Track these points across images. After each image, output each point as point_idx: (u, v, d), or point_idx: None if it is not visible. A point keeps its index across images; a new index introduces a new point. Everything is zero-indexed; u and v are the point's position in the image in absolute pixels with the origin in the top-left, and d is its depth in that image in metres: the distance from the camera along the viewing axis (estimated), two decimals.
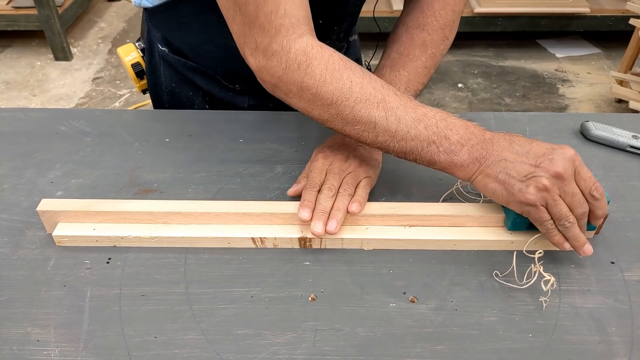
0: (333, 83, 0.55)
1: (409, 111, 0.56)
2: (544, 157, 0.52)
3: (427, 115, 0.56)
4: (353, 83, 0.55)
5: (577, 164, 0.52)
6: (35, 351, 0.50)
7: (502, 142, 0.54)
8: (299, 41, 0.55)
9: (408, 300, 0.54)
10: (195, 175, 0.70)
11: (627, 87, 2.19)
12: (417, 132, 0.55)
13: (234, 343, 0.51)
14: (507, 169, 0.53)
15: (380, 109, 0.55)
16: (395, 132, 0.56)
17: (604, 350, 0.50)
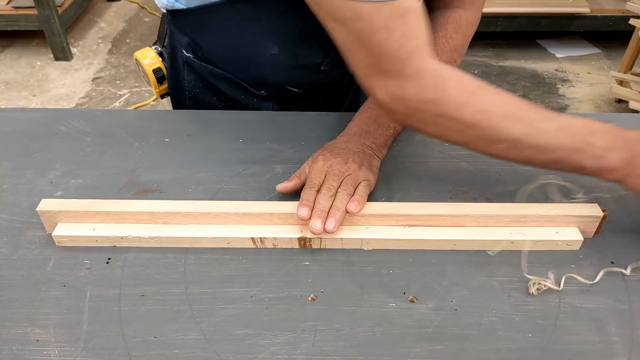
0: (473, 105, 0.53)
1: (550, 122, 0.54)
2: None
3: (568, 123, 0.54)
4: (493, 103, 0.54)
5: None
6: (35, 351, 0.50)
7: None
8: (430, 62, 0.52)
9: (408, 300, 0.54)
10: (195, 175, 0.70)
11: (627, 87, 2.19)
12: (561, 142, 0.54)
13: (233, 343, 0.51)
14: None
15: (523, 124, 0.53)
16: (539, 145, 0.54)
17: (603, 350, 0.50)
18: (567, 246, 0.59)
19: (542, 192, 0.64)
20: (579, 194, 0.61)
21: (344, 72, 0.79)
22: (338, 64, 0.70)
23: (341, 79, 0.83)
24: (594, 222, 0.59)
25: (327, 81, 0.81)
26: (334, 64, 0.73)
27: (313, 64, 0.74)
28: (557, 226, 0.60)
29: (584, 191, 0.61)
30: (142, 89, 2.44)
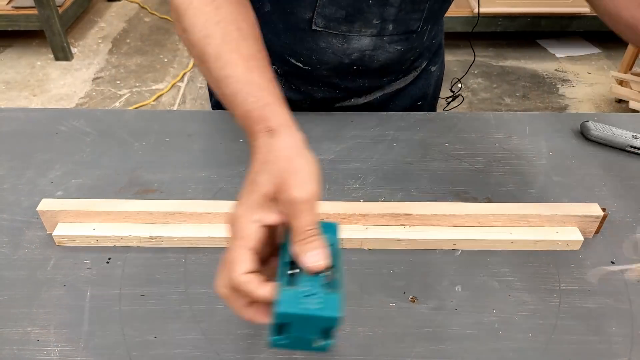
0: (186, 20, 0.53)
1: (218, 66, 0.50)
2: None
3: (227, 81, 0.49)
4: (191, 5, 0.53)
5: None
6: (35, 351, 0.50)
7: (252, 162, 0.44)
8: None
9: (408, 300, 0.54)
10: (195, 175, 0.70)
11: (627, 87, 2.19)
12: (218, 94, 0.51)
13: (234, 343, 0.51)
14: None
15: (198, 48, 0.52)
16: (208, 79, 0.53)
17: (603, 350, 0.50)
18: (568, 246, 0.59)
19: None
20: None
21: (344, 41, 0.72)
22: (328, 24, 0.70)
23: (343, 53, 0.74)
24: (594, 222, 0.59)
25: (328, 53, 0.75)
26: (325, 22, 0.71)
27: (304, 22, 0.71)
28: (557, 226, 0.60)
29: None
30: (143, 89, 2.44)
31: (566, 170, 0.71)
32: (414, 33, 0.74)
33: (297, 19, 0.71)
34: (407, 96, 0.86)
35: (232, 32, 0.51)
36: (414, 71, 0.84)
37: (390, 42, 0.74)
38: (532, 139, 0.76)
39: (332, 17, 0.69)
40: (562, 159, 0.73)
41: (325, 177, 0.69)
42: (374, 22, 0.70)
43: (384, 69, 0.78)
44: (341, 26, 0.70)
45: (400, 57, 0.77)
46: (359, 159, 0.72)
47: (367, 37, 0.72)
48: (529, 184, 0.68)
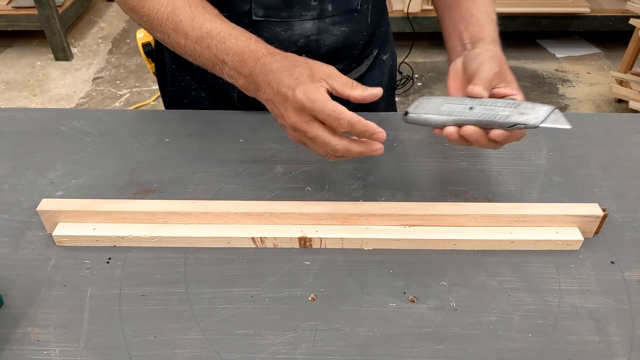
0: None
1: (195, 28, 0.58)
2: (284, 106, 0.53)
3: (211, 34, 0.57)
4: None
5: (309, 109, 0.51)
6: (35, 351, 0.50)
7: (272, 75, 0.54)
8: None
9: (408, 300, 0.54)
10: (195, 175, 0.70)
11: (627, 87, 2.19)
12: (202, 52, 0.58)
13: (234, 343, 0.51)
14: (271, 107, 0.56)
15: (170, 21, 0.59)
16: (185, 48, 0.59)
17: (603, 350, 0.50)
18: (568, 246, 0.59)
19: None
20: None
21: (286, 30, 0.73)
22: (268, 12, 0.71)
23: (288, 40, 0.74)
24: (594, 222, 0.59)
25: (274, 43, 0.73)
26: (264, 11, 0.71)
27: (244, 14, 0.71)
28: (557, 226, 0.60)
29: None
30: (142, 89, 2.44)
31: (566, 170, 0.71)
32: (355, 12, 0.75)
33: (237, 13, 0.71)
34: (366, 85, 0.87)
35: (194, 1, 0.59)
36: (367, 60, 0.86)
37: (333, 24, 0.74)
38: (532, 138, 0.76)
39: (270, 5, 0.70)
40: (562, 159, 0.73)
41: (325, 177, 0.69)
42: (312, 4, 0.71)
43: (334, 54, 0.78)
44: (281, 12, 0.71)
45: (347, 39, 0.77)
46: (359, 159, 0.72)
47: (309, 20, 0.72)
48: (528, 184, 0.68)
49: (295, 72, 0.53)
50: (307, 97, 0.51)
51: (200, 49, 0.58)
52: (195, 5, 0.59)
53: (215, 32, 0.57)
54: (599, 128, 0.79)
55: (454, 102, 0.54)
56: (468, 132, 0.53)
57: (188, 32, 0.58)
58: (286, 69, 0.53)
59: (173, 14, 0.59)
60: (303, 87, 0.51)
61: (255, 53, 0.55)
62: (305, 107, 0.51)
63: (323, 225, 0.60)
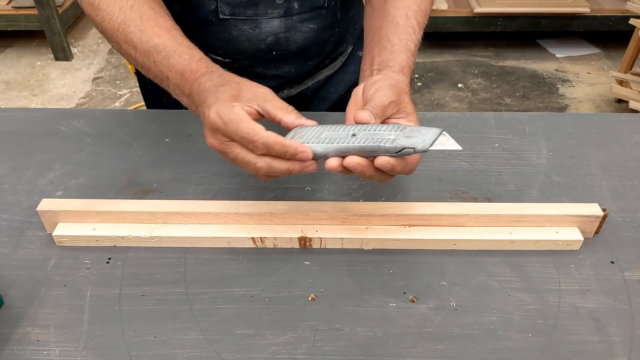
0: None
1: (144, 41, 0.57)
2: (204, 125, 0.51)
3: (157, 49, 0.56)
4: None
5: (223, 130, 0.49)
6: (35, 351, 0.50)
7: (202, 95, 0.52)
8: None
9: (408, 300, 0.54)
10: (195, 175, 0.70)
11: (627, 87, 2.19)
12: (149, 66, 0.57)
13: (233, 343, 0.51)
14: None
15: (120, 32, 0.58)
16: (135, 60, 0.58)
17: (603, 350, 0.50)
18: (568, 246, 0.59)
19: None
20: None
21: (254, 27, 0.73)
22: (234, 10, 0.70)
23: (257, 38, 0.74)
24: (594, 222, 0.59)
25: (242, 41, 0.75)
26: (230, 9, 0.71)
27: (210, 13, 0.71)
28: (557, 226, 0.60)
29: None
30: None
31: (566, 170, 0.71)
32: (323, 9, 0.75)
33: (203, 12, 0.72)
34: (341, 82, 0.87)
35: (147, 12, 0.58)
36: (341, 56, 0.86)
37: (301, 21, 0.75)
38: (532, 138, 0.76)
39: (235, 3, 0.70)
40: (562, 159, 0.73)
41: (325, 177, 0.69)
42: (277, 2, 0.72)
43: (304, 51, 0.78)
44: (247, 10, 0.71)
45: (316, 37, 0.77)
46: None
47: (276, 18, 0.73)
48: (528, 184, 0.68)
49: (220, 91, 0.50)
50: (220, 118, 0.48)
51: (148, 63, 0.57)
52: (147, 18, 0.57)
53: (162, 47, 0.55)
54: (599, 128, 0.79)
55: (335, 130, 0.49)
56: (351, 163, 0.48)
57: (137, 45, 0.57)
58: (213, 88, 0.51)
59: (124, 24, 0.57)
60: (217, 107, 0.48)
61: (195, 72, 0.53)
62: (219, 128, 0.48)
63: (323, 225, 0.60)
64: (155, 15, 0.58)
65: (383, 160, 0.47)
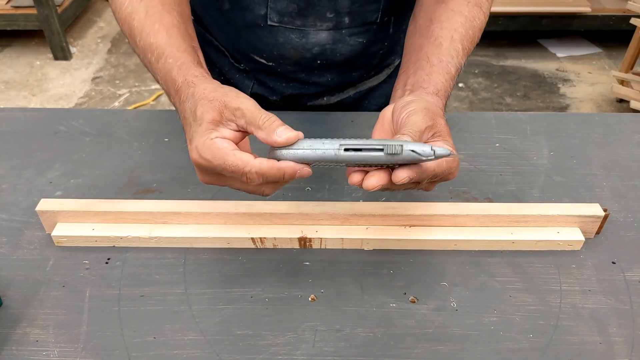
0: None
1: (143, 37, 0.55)
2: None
3: (150, 48, 0.54)
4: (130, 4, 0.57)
5: (210, 168, 0.46)
6: (34, 352, 0.50)
7: (185, 122, 0.49)
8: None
9: (408, 301, 0.54)
10: (194, 175, 0.69)
11: (628, 86, 2.19)
12: (146, 63, 0.56)
13: (233, 343, 0.50)
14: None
15: (126, 24, 0.57)
16: (137, 54, 0.57)
17: (604, 351, 0.50)
18: (569, 246, 0.59)
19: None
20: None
21: (303, 36, 0.72)
22: (282, 19, 0.70)
23: (303, 47, 0.73)
24: (596, 222, 0.59)
25: (288, 48, 0.74)
26: (279, 17, 0.71)
27: (260, 17, 0.72)
28: (558, 226, 0.59)
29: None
30: (142, 89, 2.44)
31: (567, 170, 0.70)
32: (374, 24, 0.74)
33: (253, 16, 0.72)
34: (382, 94, 0.85)
35: (155, 6, 0.56)
36: (387, 69, 0.84)
37: (350, 35, 0.73)
38: (533, 138, 0.76)
39: (285, 12, 0.70)
40: (563, 159, 0.72)
41: (325, 177, 0.69)
42: (327, 16, 0.71)
43: (349, 62, 0.77)
44: (295, 20, 0.71)
45: (364, 50, 0.76)
46: None
47: (324, 30, 0.72)
48: (529, 184, 0.68)
49: (197, 118, 0.46)
50: (202, 158, 0.45)
51: (145, 62, 0.56)
52: (152, 12, 0.55)
53: (154, 46, 0.53)
54: (600, 128, 0.78)
55: (324, 141, 0.46)
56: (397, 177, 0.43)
57: (137, 41, 0.56)
58: (191, 113, 0.47)
59: (130, 17, 0.56)
60: (196, 144, 0.45)
61: (174, 83, 0.50)
62: (205, 167, 0.46)
63: (323, 226, 0.60)
64: (161, 11, 0.56)
65: (403, 174, 0.44)
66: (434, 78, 0.54)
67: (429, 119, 0.47)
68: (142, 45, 0.55)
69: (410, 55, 0.59)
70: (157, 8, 0.56)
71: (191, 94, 0.48)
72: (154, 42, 0.54)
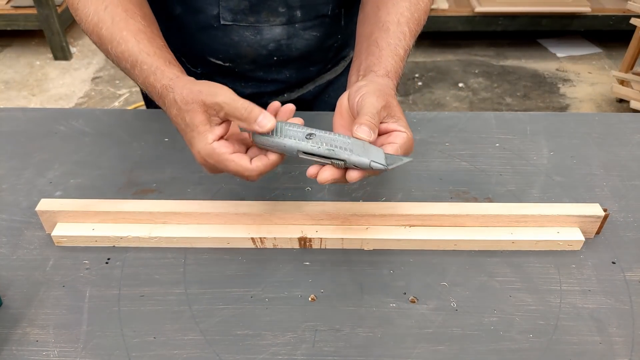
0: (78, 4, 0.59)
1: (114, 46, 0.56)
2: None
3: (123, 55, 0.56)
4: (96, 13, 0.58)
5: (216, 168, 0.51)
6: (34, 352, 0.50)
7: (179, 128, 0.53)
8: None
9: (408, 301, 0.54)
10: (194, 175, 0.69)
11: (628, 86, 2.19)
12: (123, 69, 0.58)
13: (233, 343, 0.50)
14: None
15: (95, 34, 0.58)
16: (112, 62, 0.58)
17: (604, 351, 0.50)
18: (569, 246, 0.59)
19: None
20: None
21: (257, 33, 0.73)
22: (235, 17, 0.70)
23: (258, 44, 0.74)
24: (596, 222, 0.59)
25: (243, 46, 0.74)
26: (231, 15, 0.71)
27: (213, 18, 0.72)
28: (558, 226, 0.59)
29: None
30: None
31: (567, 170, 0.70)
32: (326, 17, 0.75)
33: (206, 17, 0.72)
34: (342, 87, 0.86)
35: (119, 14, 0.58)
36: (343, 61, 0.85)
37: (303, 29, 0.74)
38: (533, 138, 0.76)
39: (237, 10, 0.70)
40: (563, 159, 0.72)
41: None
42: (280, 10, 0.71)
43: (306, 57, 0.78)
44: (248, 17, 0.71)
45: (319, 44, 0.77)
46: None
47: (278, 26, 0.72)
48: (529, 184, 0.68)
49: (188, 122, 0.50)
50: (206, 161, 0.50)
51: (122, 67, 0.57)
52: (118, 20, 0.57)
53: (127, 54, 0.55)
54: (600, 128, 0.78)
55: (296, 128, 0.50)
56: (326, 178, 0.48)
57: (109, 49, 0.57)
58: (180, 120, 0.51)
59: (97, 27, 0.57)
60: (200, 148, 0.49)
61: (154, 88, 0.54)
62: (211, 166, 0.51)
63: (323, 226, 0.60)
64: (126, 17, 0.57)
65: (355, 175, 0.48)
66: (383, 61, 0.57)
67: (382, 99, 0.51)
68: (114, 53, 0.57)
69: (362, 42, 0.62)
70: (121, 15, 0.58)
71: (173, 100, 0.51)
72: (125, 49, 0.56)
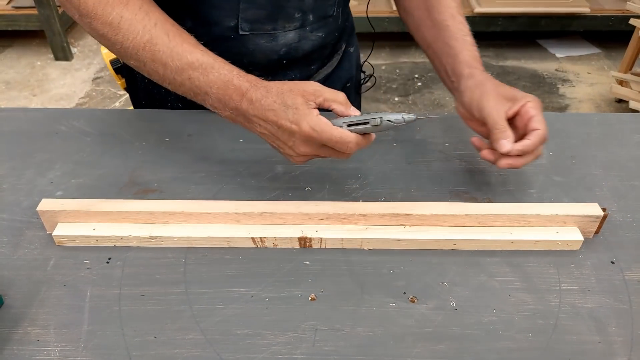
0: (103, 17, 0.57)
1: (175, 58, 0.57)
2: (291, 139, 0.55)
3: (192, 66, 0.57)
4: (123, 18, 0.57)
5: (317, 140, 0.54)
6: (35, 351, 0.50)
7: (268, 112, 0.55)
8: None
9: (408, 300, 0.54)
10: (195, 175, 0.70)
11: (627, 87, 2.19)
12: (182, 82, 0.58)
13: (233, 343, 0.51)
14: (272, 140, 0.58)
15: (147, 50, 0.57)
16: (164, 77, 0.58)
17: (604, 350, 0.50)
18: (568, 246, 0.59)
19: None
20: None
21: (271, 40, 0.74)
22: (254, 27, 0.71)
23: (271, 50, 0.76)
24: (595, 222, 0.59)
25: (256, 54, 0.75)
26: (250, 25, 0.71)
27: (229, 29, 0.71)
28: (557, 226, 0.60)
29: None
30: None
31: (566, 170, 0.71)
32: (331, 17, 0.77)
33: (222, 28, 0.71)
34: (337, 79, 0.89)
35: (171, 29, 0.59)
36: (336, 55, 0.87)
37: (312, 31, 0.76)
38: None
39: (255, 19, 0.71)
40: (563, 159, 0.73)
41: (325, 177, 0.69)
42: (295, 16, 0.72)
43: (309, 56, 0.79)
44: (265, 26, 0.72)
45: (322, 43, 0.79)
46: (359, 159, 0.72)
47: (292, 30, 0.74)
48: (529, 184, 0.68)
49: (290, 104, 0.54)
50: (313, 130, 0.53)
51: (181, 80, 0.57)
52: (173, 35, 0.58)
53: (197, 64, 0.57)
54: (599, 128, 0.79)
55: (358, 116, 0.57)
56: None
57: (167, 62, 0.57)
58: (279, 104, 0.54)
59: (150, 43, 0.57)
60: (307, 120, 0.53)
61: (239, 88, 0.56)
62: (313, 138, 0.54)
63: (323, 225, 0.60)
64: (180, 32, 0.59)
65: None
66: (462, 58, 0.66)
67: (496, 97, 0.60)
68: (176, 65, 0.57)
69: (433, 48, 0.71)
70: (174, 30, 0.59)
71: (267, 91, 0.55)
72: (194, 59, 0.57)
